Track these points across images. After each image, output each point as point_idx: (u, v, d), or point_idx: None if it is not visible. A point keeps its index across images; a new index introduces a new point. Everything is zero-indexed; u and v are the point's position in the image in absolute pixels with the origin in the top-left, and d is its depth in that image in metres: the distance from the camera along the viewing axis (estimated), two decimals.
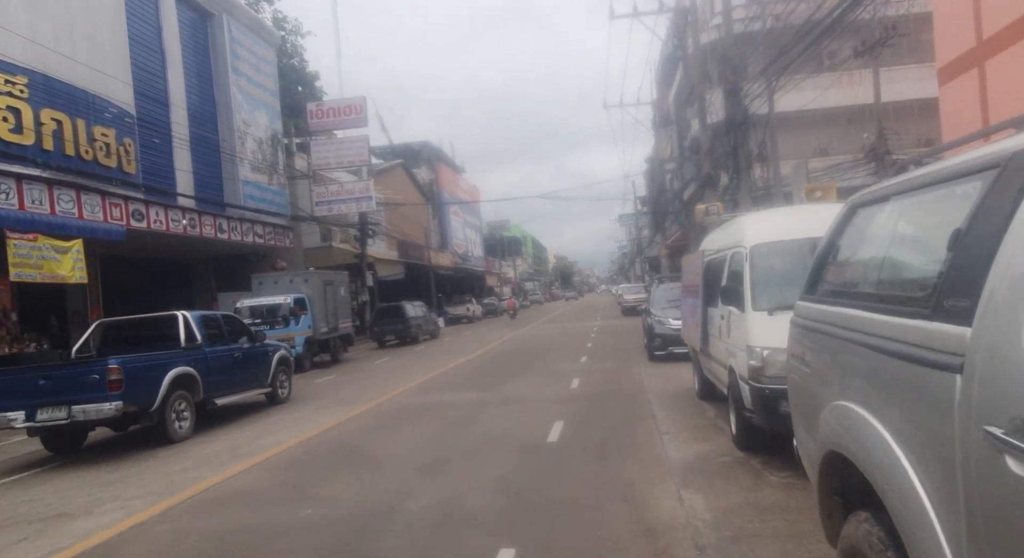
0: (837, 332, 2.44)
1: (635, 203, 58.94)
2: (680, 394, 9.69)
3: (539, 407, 9.41)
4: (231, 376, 10.36)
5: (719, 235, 7.91)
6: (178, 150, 21.14)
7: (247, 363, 10.85)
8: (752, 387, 5.44)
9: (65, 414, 7.96)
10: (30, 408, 8.02)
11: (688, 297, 9.06)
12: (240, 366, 10.63)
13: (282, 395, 11.90)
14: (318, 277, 19.69)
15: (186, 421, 9.13)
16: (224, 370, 10.14)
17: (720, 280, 7.19)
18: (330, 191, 28.76)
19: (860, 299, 2.37)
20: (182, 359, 9.18)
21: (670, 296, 15.37)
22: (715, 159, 18.69)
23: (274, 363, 11.59)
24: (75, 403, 7.93)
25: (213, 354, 9.90)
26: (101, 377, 7.96)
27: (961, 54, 15.50)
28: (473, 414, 9.21)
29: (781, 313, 5.40)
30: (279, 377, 11.78)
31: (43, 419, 8.02)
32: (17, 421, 8.06)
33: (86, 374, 8.07)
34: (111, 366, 8.02)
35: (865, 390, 2.13)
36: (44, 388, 8.05)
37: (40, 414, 8.02)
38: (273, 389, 11.61)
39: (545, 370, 13.90)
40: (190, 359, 9.35)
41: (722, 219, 8.57)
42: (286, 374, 12.16)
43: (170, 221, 20.01)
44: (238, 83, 24.50)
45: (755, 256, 5.95)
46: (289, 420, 10.10)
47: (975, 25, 13.85)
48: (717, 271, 7.43)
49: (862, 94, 29.82)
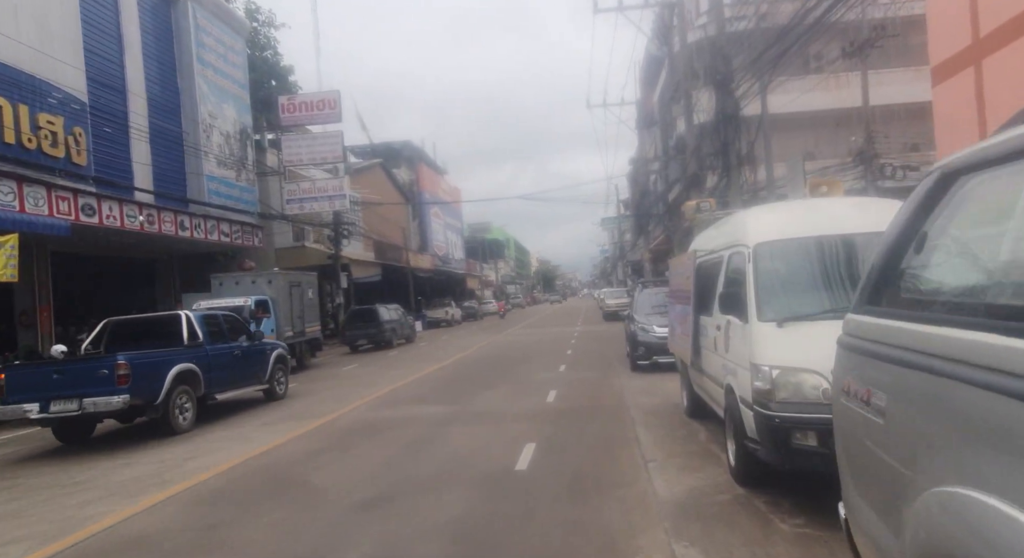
0: (950, 369, 1.49)
1: (618, 207, 58.29)
2: (666, 410, 8.77)
3: (510, 425, 8.43)
4: (231, 373, 10.84)
5: (713, 234, 7.00)
6: (136, 142, 19.92)
7: (246, 361, 11.37)
8: (758, 413, 4.51)
9: (76, 406, 8.51)
10: (44, 400, 8.56)
11: (676, 303, 8.14)
12: (239, 363, 11.15)
13: (279, 391, 12.37)
14: (283, 278, 18.56)
15: (188, 414, 9.67)
16: (224, 367, 10.63)
17: (715, 285, 6.28)
18: (301, 189, 27.59)
19: (989, 317, 1.43)
20: (185, 356, 9.74)
21: (655, 302, 14.50)
22: (701, 158, 17.90)
23: (272, 361, 12.09)
24: (86, 396, 8.49)
25: (214, 352, 10.44)
26: (110, 372, 8.51)
27: (956, 52, 14.84)
28: (436, 433, 8.20)
29: (793, 324, 4.49)
30: (276, 375, 12.27)
31: (56, 411, 8.57)
32: (32, 412, 8.59)
33: (96, 369, 8.64)
34: (119, 362, 8.57)
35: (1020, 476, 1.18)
36: (57, 382, 8.61)
37: (53, 406, 8.56)
38: (271, 386, 12.11)
39: (521, 380, 12.93)
40: (192, 356, 9.90)
41: (715, 216, 7.67)
42: (283, 372, 12.66)
43: (125, 217, 18.74)
44: (204, 73, 23.29)
45: (760, 257, 5.03)
46: (225, 438, 9.00)
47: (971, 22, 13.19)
48: (711, 274, 6.52)
49: (848, 97, 29.31)
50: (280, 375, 12.44)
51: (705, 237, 7.44)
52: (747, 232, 5.33)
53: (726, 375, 5.51)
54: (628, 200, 51.73)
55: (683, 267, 7.57)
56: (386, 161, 47.70)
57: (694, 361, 6.91)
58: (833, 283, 4.79)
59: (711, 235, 7.16)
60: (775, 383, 4.39)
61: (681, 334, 7.58)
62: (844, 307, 4.76)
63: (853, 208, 5.56)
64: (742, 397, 4.92)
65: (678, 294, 7.91)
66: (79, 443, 9.34)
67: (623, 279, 68.16)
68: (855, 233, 4.81)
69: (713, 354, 6.10)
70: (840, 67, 29.87)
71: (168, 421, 9.19)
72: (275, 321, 17.56)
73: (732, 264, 5.69)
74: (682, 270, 7.62)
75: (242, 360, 11.18)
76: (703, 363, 6.70)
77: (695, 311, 6.85)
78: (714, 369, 6.12)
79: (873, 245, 2.43)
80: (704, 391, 6.98)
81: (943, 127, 16.21)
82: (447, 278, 58.52)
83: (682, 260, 7.85)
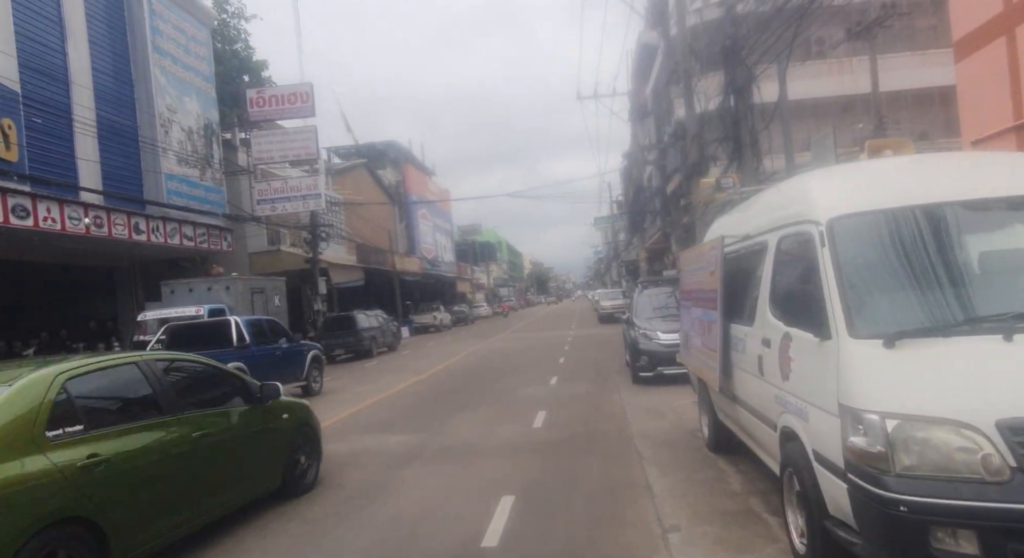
0: None
1: (611, 206, 56.66)
2: (680, 440, 7.03)
3: (484, 465, 6.66)
4: (273, 371, 11.15)
5: (746, 214, 5.27)
6: (82, 136, 18.04)
7: (286, 360, 12.50)
8: (858, 489, 2.77)
9: None
10: None
11: (693, 307, 6.40)
12: (280, 362, 12.20)
13: (315, 388, 13.37)
14: (243, 284, 16.78)
15: None
16: (267, 366, 11.32)
17: (754, 282, 4.54)
18: (272, 188, 25.77)
19: None
20: (234, 356, 10.58)
21: (656, 303, 12.77)
22: (703, 145, 16.21)
23: (308, 360, 13.25)
24: None
25: (259, 352, 11.58)
26: None
27: (985, 22, 13.19)
28: (387, 480, 6.42)
29: (913, 344, 2.75)
30: (312, 373, 13.39)
31: None
32: None
33: None
34: None
35: None
36: None
37: None
38: (307, 383, 13.17)
39: (505, 397, 11.16)
40: (240, 356, 10.94)
41: (742, 194, 5.93)
42: (318, 370, 13.84)
43: (67, 219, 16.86)
44: (161, 63, 21.45)
45: (842, 237, 3.29)
46: None
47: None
48: (747, 268, 4.79)
49: (852, 83, 27.79)
50: (316, 373, 13.59)
51: (733, 219, 5.70)
52: (813, 202, 3.59)
53: (782, 413, 3.77)
54: (621, 200, 50.11)
55: (703, 260, 5.83)
56: (371, 162, 45.90)
57: (723, 385, 5.16)
58: (968, 276, 3.07)
59: (742, 216, 5.42)
60: (893, 442, 2.64)
61: (702, 347, 5.83)
62: (1002, 314, 3.07)
63: (978, 163, 3.84)
64: (820, 454, 3.18)
65: (696, 295, 6.16)
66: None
67: (617, 280, 66.52)
68: (1002, 198, 3.09)
69: (755, 379, 4.36)
70: (844, 52, 28.38)
71: None
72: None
73: (785, 251, 3.96)
74: (702, 264, 5.88)
75: (283, 359, 12.37)
76: (736, 388, 4.96)
77: (724, 318, 5.10)
78: (757, 400, 4.37)
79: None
80: (738, 426, 5.23)
81: (968, 105, 14.49)
82: (436, 281, 56.71)
83: (701, 251, 6.10)
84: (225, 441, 5.09)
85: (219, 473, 5.00)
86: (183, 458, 4.60)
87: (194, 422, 4.80)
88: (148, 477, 4.29)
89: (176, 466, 4.53)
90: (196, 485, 4.72)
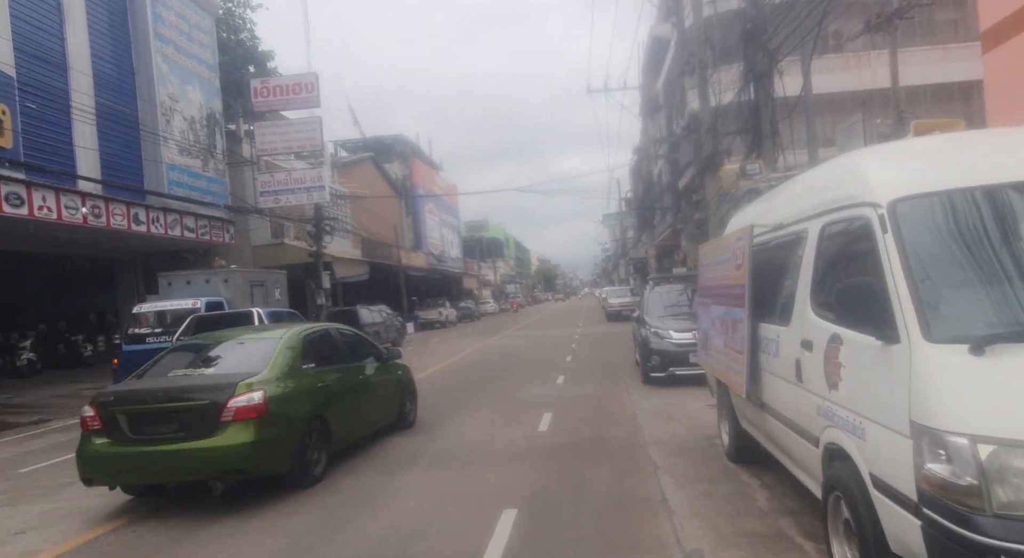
0: None
1: (620, 203, 56.03)
2: (697, 447, 6.52)
3: (486, 472, 6.17)
4: None
5: (779, 201, 4.75)
6: (80, 124, 17.63)
7: None
8: (938, 528, 2.26)
9: None
10: None
11: (713, 304, 5.88)
12: None
13: None
14: (242, 276, 16.31)
15: None
16: None
17: (789, 276, 4.03)
18: (276, 180, 25.32)
19: None
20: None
21: (668, 301, 12.24)
22: (717, 138, 15.64)
23: None
24: None
25: None
26: None
27: (1013, 11, 12.57)
28: (382, 485, 5.94)
29: (1013, 349, 2.22)
30: None
31: None
32: None
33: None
34: None
35: None
36: None
37: None
38: None
39: (509, 397, 10.67)
40: None
41: (770, 181, 5.40)
42: None
43: (63, 208, 16.45)
44: (163, 51, 21.02)
45: (909, 221, 2.77)
46: None
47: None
48: (781, 261, 4.27)
49: (870, 78, 27.11)
50: None
51: (761, 209, 5.17)
52: (870, 182, 3.06)
53: (826, 426, 3.26)
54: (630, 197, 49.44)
55: (727, 252, 5.30)
56: (378, 156, 45.42)
57: (750, 391, 4.64)
58: None
59: (772, 204, 4.90)
60: (988, 473, 2.13)
61: (725, 349, 5.30)
62: None
63: None
64: (880, 479, 2.66)
65: (718, 291, 5.64)
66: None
67: (625, 277, 65.88)
68: None
69: (791, 386, 3.84)
70: (861, 45, 27.69)
71: None
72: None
73: (831, 240, 3.44)
74: (725, 257, 5.35)
75: None
76: (766, 395, 4.44)
77: (752, 318, 4.58)
78: (793, 410, 3.86)
79: None
80: (766, 436, 4.71)
81: (996, 99, 13.81)
82: (443, 277, 56.24)
83: (724, 243, 5.57)
84: (374, 383, 7.70)
85: (372, 403, 7.59)
86: (358, 388, 7.32)
87: (359, 368, 7.49)
88: (345, 397, 6.89)
89: (356, 393, 7.25)
90: (364, 407, 7.35)
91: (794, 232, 4.03)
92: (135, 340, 14.18)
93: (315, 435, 6.10)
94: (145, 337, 14.12)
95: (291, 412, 5.78)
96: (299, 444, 5.82)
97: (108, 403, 5.53)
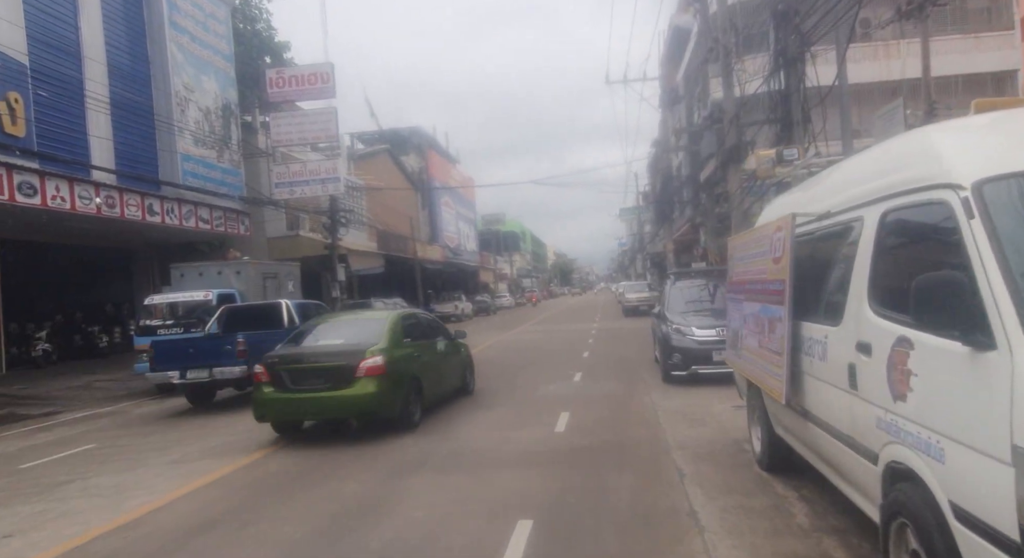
0: None
1: (637, 197, 55.34)
2: (725, 452, 6.11)
3: (499, 477, 5.81)
4: None
5: (824, 188, 4.31)
6: (94, 113, 17.50)
7: None
8: None
9: (207, 374, 10.62)
10: (183, 369, 10.75)
11: (745, 301, 5.45)
12: None
13: None
14: (254, 268, 16.09)
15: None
16: None
17: (837, 270, 3.60)
18: (291, 171, 25.12)
19: None
20: (284, 336, 10.60)
21: (690, 297, 11.79)
22: (741, 128, 15.10)
23: None
24: (215, 366, 10.57)
25: None
26: (232, 347, 10.53)
27: None
28: (387, 490, 5.61)
29: None
30: None
31: (192, 377, 10.73)
32: (175, 378, 10.81)
33: (222, 345, 10.69)
34: (239, 340, 10.60)
35: None
36: (192, 355, 10.77)
37: (189, 374, 10.72)
38: None
39: (524, 395, 10.30)
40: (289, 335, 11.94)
41: (811, 166, 4.96)
42: None
43: (77, 198, 16.36)
44: (178, 40, 20.84)
45: (1000, 206, 2.35)
46: (108, 487, 6.47)
47: None
48: (828, 253, 3.85)
49: (898, 68, 26.25)
50: None
51: (800, 197, 4.74)
52: (946, 161, 2.63)
53: (888, 442, 2.84)
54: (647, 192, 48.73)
55: (764, 244, 4.87)
56: (394, 148, 45.16)
57: (791, 396, 4.22)
58: None
59: (814, 193, 4.46)
60: None
61: (760, 349, 4.88)
62: None
63: None
64: (964, 510, 2.25)
65: (751, 287, 5.21)
66: (205, 405, 11.33)
67: (642, 272, 65.19)
68: None
69: (842, 394, 3.43)
70: (890, 34, 26.87)
71: None
72: None
73: (895, 228, 3.01)
74: (761, 249, 4.92)
75: None
76: (809, 402, 4.02)
77: (791, 317, 4.15)
78: (845, 421, 3.44)
79: None
80: (808, 447, 4.28)
81: None
82: (458, 271, 55.98)
83: (761, 234, 5.13)
84: (447, 356, 9.58)
85: (447, 372, 9.47)
86: (438, 359, 9.17)
87: (435, 344, 9.27)
88: (430, 364, 8.74)
89: (437, 362, 9.08)
90: (442, 374, 9.21)
91: (845, 221, 3.60)
92: (147, 332, 14.01)
93: (413, 392, 8.05)
94: (156, 329, 13.95)
95: (399, 372, 7.77)
96: (404, 397, 7.79)
97: (275, 363, 7.72)
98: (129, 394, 14.45)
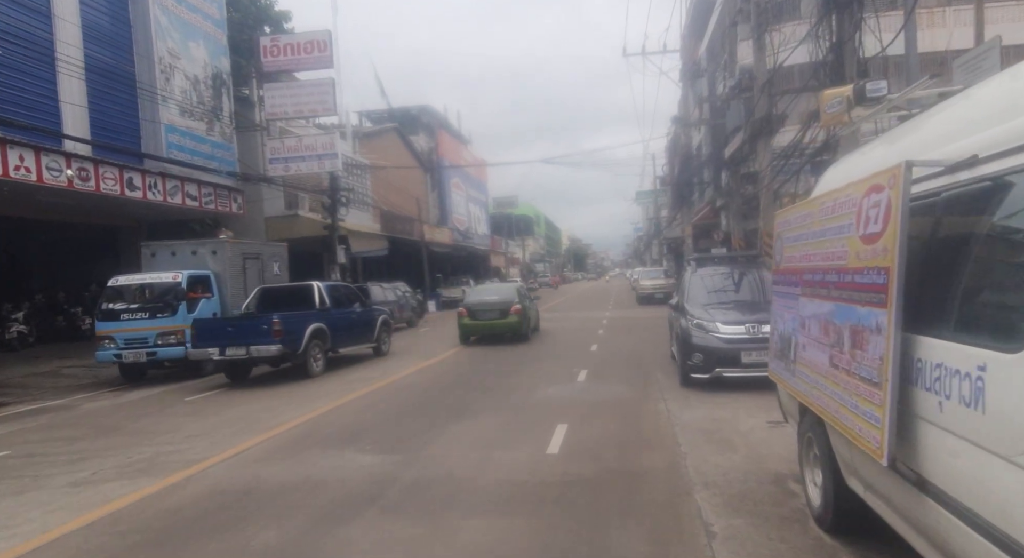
0: None
1: (654, 181, 53.43)
2: (767, 499, 4.63)
3: (467, 526, 4.39)
4: (349, 332, 13.36)
5: (945, 125, 2.76)
6: (67, 78, 16.12)
7: (360, 322, 14.05)
8: None
9: (244, 352, 11.26)
10: (222, 347, 11.36)
11: (803, 296, 3.94)
12: (355, 324, 13.78)
13: (384, 349, 14.97)
14: (234, 248, 14.74)
15: (319, 363, 12.15)
16: (344, 327, 13.13)
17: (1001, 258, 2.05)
18: (286, 146, 23.72)
19: None
20: (317, 317, 12.21)
21: (714, 286, 10.24)
22: (772, 97, 13.44)
23: (379, 324, 14.79)
24: (251, 345, 11.22)
25: (337, 315, 12.96)
26: (268, 327, 11.17)
27: None
28: (311, 548, 4.19)
29: None
30: (382, 336, 14.93)
31: (230, 355, 11.37)
32: (215, 355, 11.42)
33: (258, 325, 11.34)
34: (275, 320, 11.25)
35: None
36: (230, 334, 11.41)
37: (228, 351, 11.35)
38: (378, 344, 14.76)
39: (518, 398, 8.86)
40: (322, 318, 12.40)
41: (910, 104, 3.42)
42: (387, 333, 15.42)
43: (44, 169, 15.02)
44: (162, 2, 19.38)
45: None
46: None
47: None
48: (976, 228, 2.30)
49: (944, 38, 24.22)
50: (385, 336, 15.09)
51: (912, 139, 3.18)
52: None
53: None
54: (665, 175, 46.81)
55: (843, 215, 3.32)
56: (403, 127, 43.54)
57: (897, 454, 2.70)
58: None
59: (941, 130, 2.91)
60: None
61: (833, 370, 3.36)
62: None
63: None
64: None
65: (816, 278, 3.68)
66: (242, 382, 11.81)
67: (658, 258, 63.33)
68: None
69: (1015, 469, 1.89)
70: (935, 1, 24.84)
71: (305, 367, 11.77)
72: (220, 303, 13.75)
73: None
74: (839, 223, 3.38)
75: (357, 322, 13.89)
76: (929, 466, 2.51)
77: (898, 326, 2.63)
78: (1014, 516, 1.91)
79: None
80: (922, 531, 2.77)
81: None
82: (468, 254, 54.51)
83: (836, 200, 3.55)
84: (533, 309, 18.38)
85: (533, 319, 18.07)
86: (533, 310, 18.35)
87: (535, 301, 20.40)
88: (532, 312, 17.96)
89: (536, 310, 19.11)
90: (532, 319, 17.79)
91: (1010, 170, 2.07)
92: (109, 317, 12.73)
93: (529, 324, 15.93)
94: (120, 314, 12.66)
95: (526, 312, 15.75)
96: (528, 325, 15.91)
97: (471, 306, 15.78)
98: (95, 383, 13.24)
